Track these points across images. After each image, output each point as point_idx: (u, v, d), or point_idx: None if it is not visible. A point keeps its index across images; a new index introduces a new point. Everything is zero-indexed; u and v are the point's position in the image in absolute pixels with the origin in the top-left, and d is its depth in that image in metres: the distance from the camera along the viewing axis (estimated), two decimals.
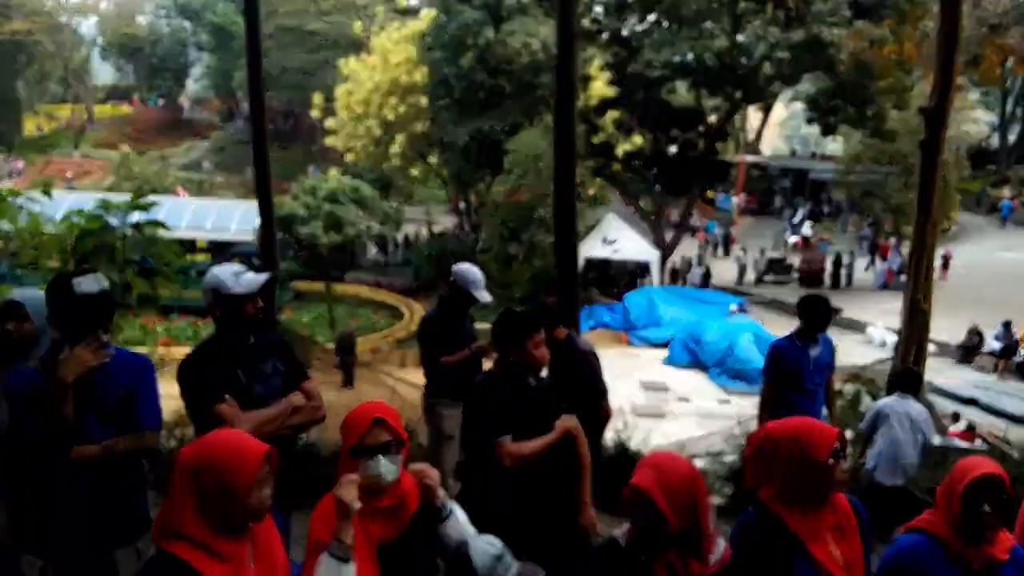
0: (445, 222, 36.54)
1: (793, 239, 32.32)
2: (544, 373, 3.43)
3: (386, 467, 2.10)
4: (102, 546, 2.70)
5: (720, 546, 2.26)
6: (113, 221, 5.07)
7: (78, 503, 2.65)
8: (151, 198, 5.67)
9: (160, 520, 1.89)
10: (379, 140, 29.21)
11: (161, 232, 5.29)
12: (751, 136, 42.94)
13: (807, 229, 32.70)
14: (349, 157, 30.98)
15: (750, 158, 40.71)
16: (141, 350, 4.70)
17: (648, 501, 2.08)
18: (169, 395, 3.07)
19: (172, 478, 1.90)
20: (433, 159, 30.22)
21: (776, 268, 27.55)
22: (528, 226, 22.67)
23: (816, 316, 5.01)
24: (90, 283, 2.63)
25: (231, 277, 2.96)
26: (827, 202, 37.34)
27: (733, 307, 21.42)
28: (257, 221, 6.72)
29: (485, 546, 2.07)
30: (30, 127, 52.37)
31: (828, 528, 2.31)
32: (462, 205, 32.92)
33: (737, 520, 2.45)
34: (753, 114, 40.14)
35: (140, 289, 4.93)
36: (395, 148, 28.63)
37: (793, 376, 5.00)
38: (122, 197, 5.51)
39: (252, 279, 3.02)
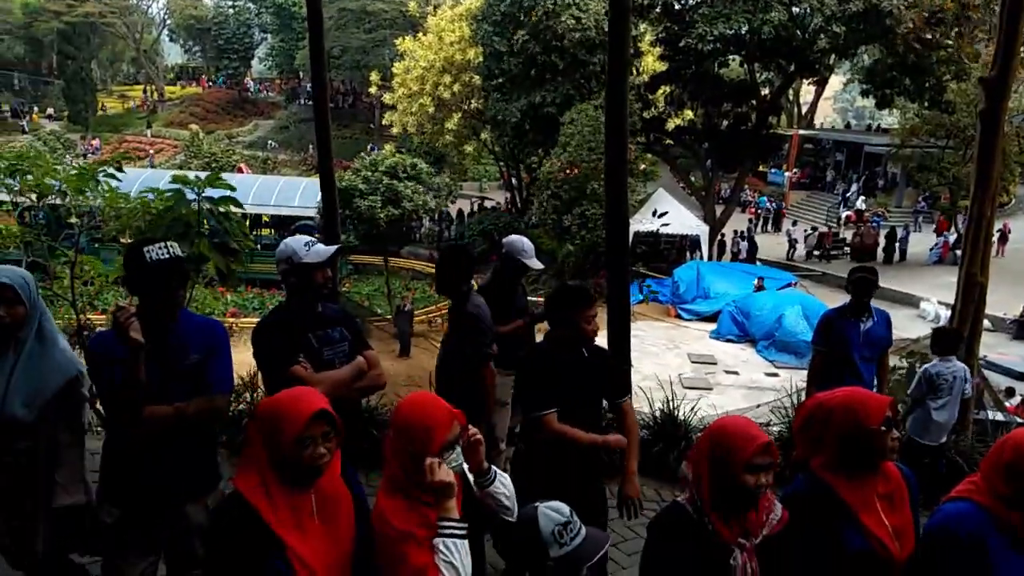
0: (498, 197, 37.06)
1: (845, 213, 31.82)
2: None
3: (459, 455, 2.14)
4: (174, 500, 2.81)
5: (778, 507, 2.25)
6: (189, 196, 5.10)
7: (152, 460, 2.74)
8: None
9: (239, 466, 2.02)
10: (433, 117, 29.86)
11: (233, 208, 5.30)
12: (804, 109, 42.16)
13: (860, 203, 32.15)
14: (410, 130, 31.55)
15: (803, 132, 39.86)
16: None
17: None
18: (239, 362, 3.10)
19: (247, 431, 2.05)
20: (486, 136, 30.71)
21: (827, 243, 27.30)
22: (580, 200, 22.98)
23: (862, 288, 5.05)
24: (161, 251, 2.69)
25: (303, 247, 3.12)
26: (882, 176, 36.43)
27: (756, 281, 21.23)
28: (318, 197, 6.95)
29: (552, 513, 2.06)
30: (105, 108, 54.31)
31: (879, 497, 2.31)
32: (514, 181, 33.35)
33: (785, 489, 2.43)
34: (807, 87, 39.38)
35: (215, 262, 4.98)
36: (449, 125, 29.25)
37: (842, 348, 5.07)
38: (192, 175, 5.58)
39: (322, 249, 3.17)
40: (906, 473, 2.42)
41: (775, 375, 15.75)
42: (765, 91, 28.25)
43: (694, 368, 16.44)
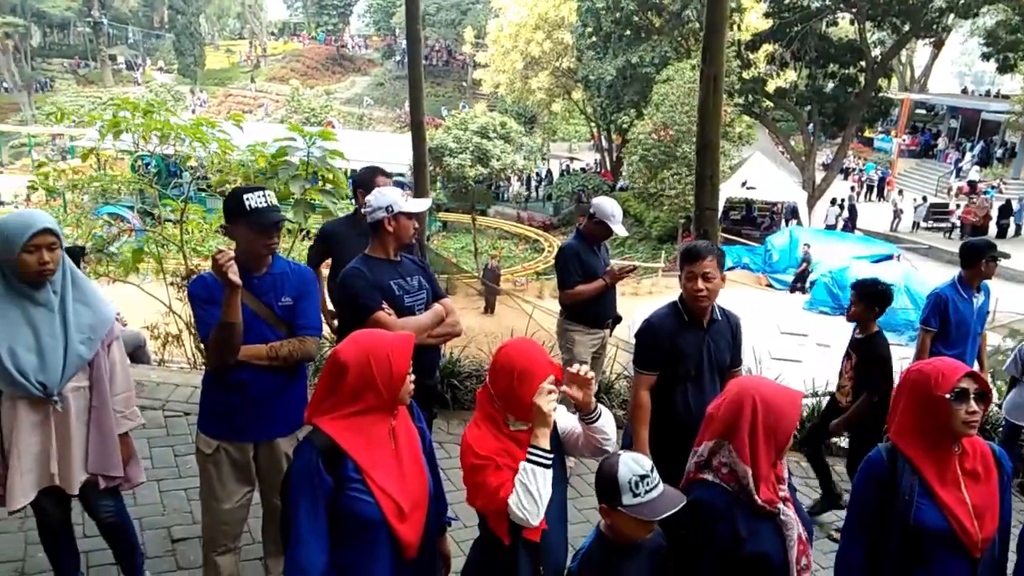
0: (587, 159, 36.72)
1: (957, 184, 30.00)
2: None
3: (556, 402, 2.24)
4: (267, 433, 2.99)
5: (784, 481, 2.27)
6: (298, 147, 5.35)
7: (247, 396, 2.89)
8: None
9: (312, 404, 2.13)
10: (523, 74, 29.67)
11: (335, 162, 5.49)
12: (918, 72, 39.67)
13: (974, 174, 30.18)
14: (500, 89, 31.52)
15: (915, 96, 37.56)
16: None
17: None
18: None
19: (325, 369, 2.14)
20: (577, 95, 30.33)
21: (936, 215, 25.84)
22: (669, 164, 22.51)
23: (972, 258, 4.87)
24: (260, 198, 2.82)
25: (401, 197, 3.25)
26: (999, 145, 33.95)
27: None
28: (410, 153, 7.10)
29: (633, 463, 2.09)
30: (211, 62, 56.15)
31: (961, 472, 2.25)
32: (604, 142, 32.94)
33: (866, 458, 2.42)
34: (922, 49, 36.97)
35: (325, 206, 5.25)
36: (536, 84, 29.00)
37: (957, 326, 4.93)
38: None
39: (420, 201, 3.33)
40: (998, 453, 2.34)
41: None
42: (876, 52, 26.70)
43: (784, 339, 16.04)
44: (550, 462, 2.16)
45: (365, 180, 4.33)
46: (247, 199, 2.80)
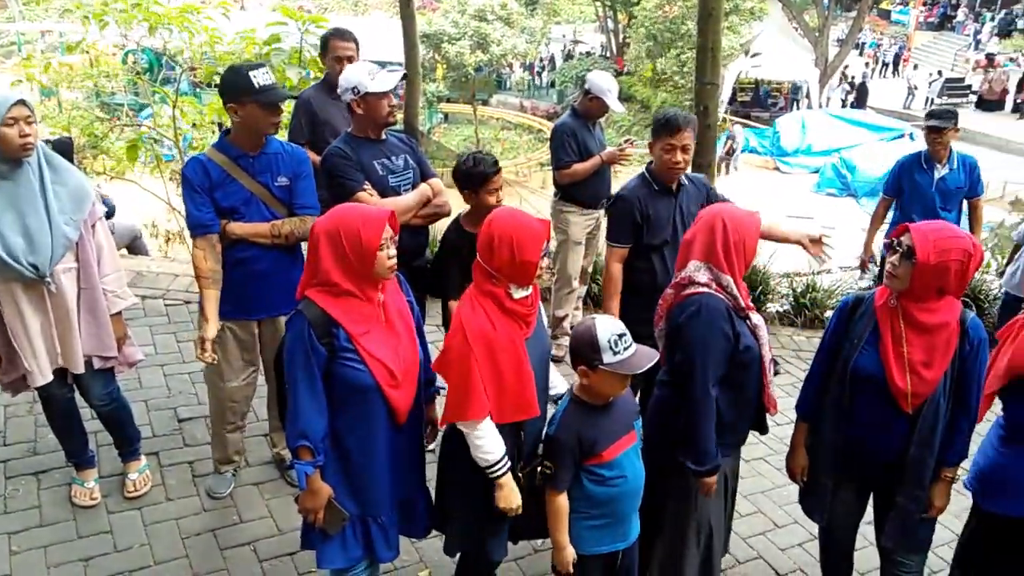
0: (593, 42, 35.42)
1: (975, 57, 28.94)
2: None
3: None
4: (270, 310, 3.09)
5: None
6: (292, 30, 5.21)
7: (249, 270, 2.97)
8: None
9: (304, 279, 2.19)
10: None
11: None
12: None
13: (993, 46, 29.05)
14: None
15: None
16: None
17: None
18: None
19: (309, 244, 2.19)
20: None
21: (952, 90, 25.06)
22: (676, 43, 21.71)
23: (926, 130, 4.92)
24: (265, 75, 2.82)
25: (366, 76, 3.14)
26: (1021, 15, 32.47)
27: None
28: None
29: (608, 323, 2.22)
30: None
31: (908, 326, 2.38)
32: (610, 23, 31.67)
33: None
34: None
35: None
36: None
37: (911, 195, 5.04)
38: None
39: (386, 77, 3.20)
40: (968, 322, 2.40)
41: None
42: None
43: (789, 222, 16.01)
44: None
45: (323, 42, 4.17)
46: (254, 76, 2.77)
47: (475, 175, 3.12)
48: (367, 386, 2.15)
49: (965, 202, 5.32)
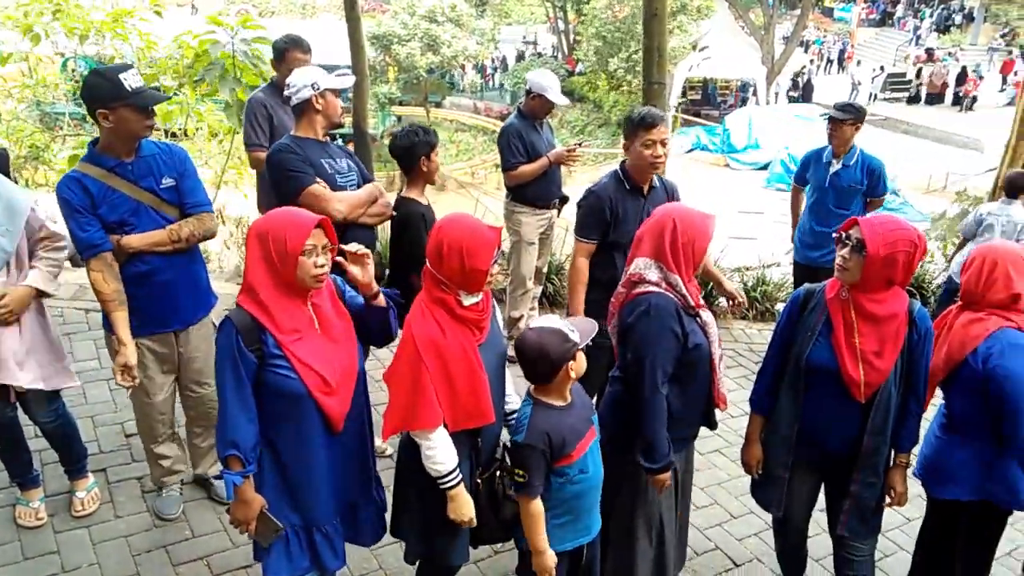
0: (544, 43, 35.60)
1: (916, 52, 29.84)
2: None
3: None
4: (183, 321, 3.00)
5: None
6: (223, 39, 5.11)
7: (154, 284, 2.84)
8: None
9: (243, 284, 2.12)
10: None
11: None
12: None
13: (932, 41, 30.00)
14: None
15: None
16: None
17: None
18: None
19: (246, 246, 2.14)
20: None
21: (894, 85, 25.82)
22: (627, 42, 21.94)
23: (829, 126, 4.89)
24: (135, 76, 2.67)
25: (323, 74, 3.17)
26: (958, 10, 33.62)
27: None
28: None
29: (555, 323, 2.24)
30: None
31: (860, 317, 2.42)
32: (561, 24, 31.87)
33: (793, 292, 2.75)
34: None
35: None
36: None
37: (812, 186, 5.13)
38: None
39: (346, 77, 3.30)
40: (915, 312, 2.44)
41: None
42: None
43: (741, 219, 16.24)
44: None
45: (278, 51, 4.12)
46: (124, 79, 2.61)
47: (424, 143, 3.25)
48: (298, 393, 2.10)
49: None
